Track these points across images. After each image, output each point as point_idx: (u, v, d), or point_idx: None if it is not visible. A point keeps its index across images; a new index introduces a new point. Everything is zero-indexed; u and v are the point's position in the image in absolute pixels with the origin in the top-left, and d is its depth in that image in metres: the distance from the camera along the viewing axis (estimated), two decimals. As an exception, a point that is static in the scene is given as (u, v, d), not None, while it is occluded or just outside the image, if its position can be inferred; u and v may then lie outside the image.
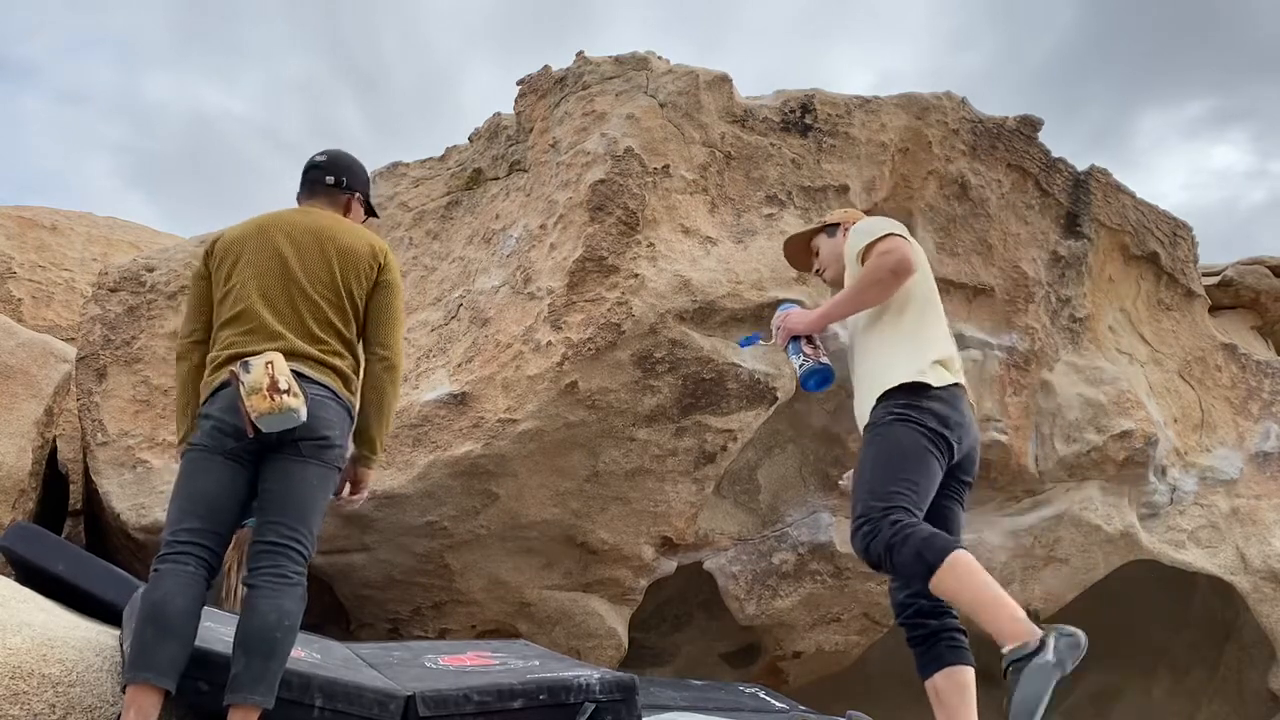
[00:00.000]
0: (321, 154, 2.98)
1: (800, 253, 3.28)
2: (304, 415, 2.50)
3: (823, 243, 3.19)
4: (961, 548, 2.44)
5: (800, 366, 2.99)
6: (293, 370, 2.53)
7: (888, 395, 2.72)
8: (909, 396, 2.68)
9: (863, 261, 2.84)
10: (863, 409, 2.81)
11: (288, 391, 2.48)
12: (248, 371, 2.50)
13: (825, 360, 2.97)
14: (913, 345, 2.79)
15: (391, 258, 2.88)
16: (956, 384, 2.75)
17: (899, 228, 2.91)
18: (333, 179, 2.93)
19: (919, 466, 2.61)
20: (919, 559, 2.42)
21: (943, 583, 2.41)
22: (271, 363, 2.51)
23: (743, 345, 3.41)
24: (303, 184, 2.95)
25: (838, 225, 3.16)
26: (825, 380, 2.96)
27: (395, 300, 2.84)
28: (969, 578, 2.38)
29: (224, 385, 2.57)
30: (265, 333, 2.62)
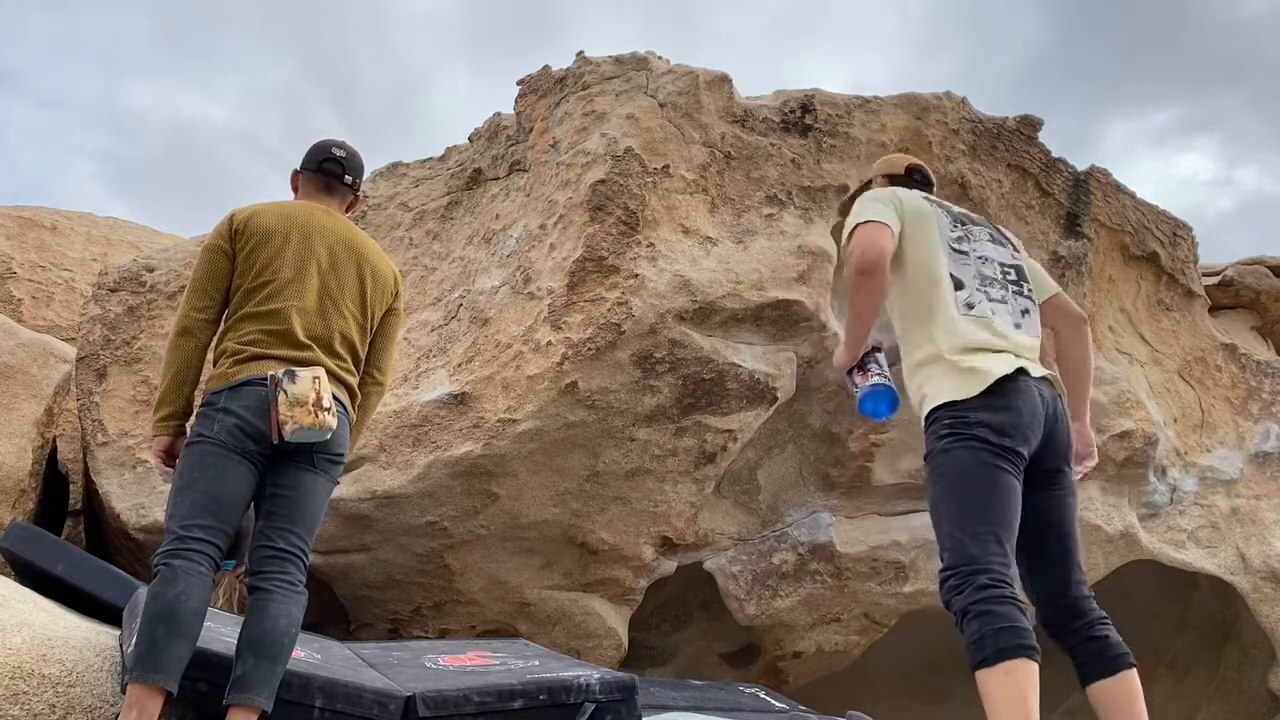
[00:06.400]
0: (340, 148, 2.96)
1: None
2: (332, 432, 2.55)
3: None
4: (1028, 655, 2.25)
5: (856, 396, 2.76)
6: None
7: (932, 416, 2.55)
8: (953, 413, 2.49)
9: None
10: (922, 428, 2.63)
11: (329, 410, 2.52)
12: (293, 382, 2.50)
13: (875, 381, 2.71)
14: (930, 356, 2.59)
15: (403, 284, 2.97)
16: (1003, 377, 2.48)
17: (876, 210, 2.67)
18: (350, 179, 2.95)
19: (994, 494, 2.42)
20: (979, 645, 2.27)
21: (984, 681, 2.27)
22: (319, 378, 2.54)
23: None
24: (319, 172, 2.92)
25: (869, 183, 3.00)
26: (880, 401, 2.70)
27: (400, 327, 2.96)
28: (1011, 696, 2.22)
29: (248, 382, 2.55)
30: (292, 340, 2.62)
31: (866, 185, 3.10)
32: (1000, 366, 2.51)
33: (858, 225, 2.65)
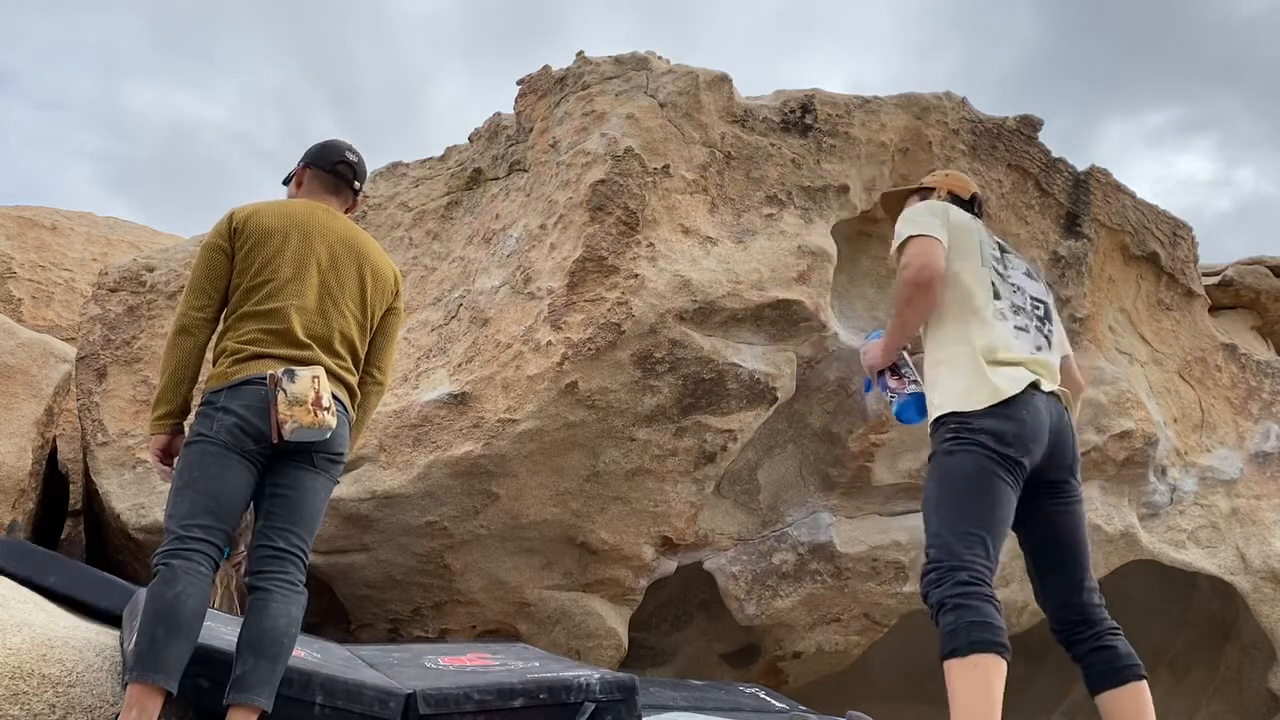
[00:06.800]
0: (353, 153, 2.97)
1: (895, 211, 3.14)
2: (331, 431, 2.55)
3: (912, 206, 3.02)
4: (999, 652, 2.30)
5: (890, 402, 2.88)
6: None
7: (940, 420, 2.62)
8: (960, 419, 2.57)
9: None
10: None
11: (328, 409, 2.52)
12: (293, 381, 2.50)
13: (913, 389, 2.83)
14: (956, 356, 2.65)
15: (403, 284, 2.98)
16: (1014, 395, 2.55)
17: (929, 223, 2.74)
18: (358, 185, 2.97)
19: (986, 497, 2.49)
20: (951, 636, 2.33)
21: (951, 671, 2.32)
22: (318, 377, 2.54)
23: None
24: (331, 173, 2.92)
25: (932, 190, 3.05)
26: (909, 408, 2.82)
27: (400, 327, 2.96)
28: (976, 688, 2.27)
29: (247, 381, 2.55)
30: (292, 339, 2.62)
31: (918, 190, 3.14)
32: (1012, 385, 2.58)
33: (912, 237, 2.71)
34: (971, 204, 3.08)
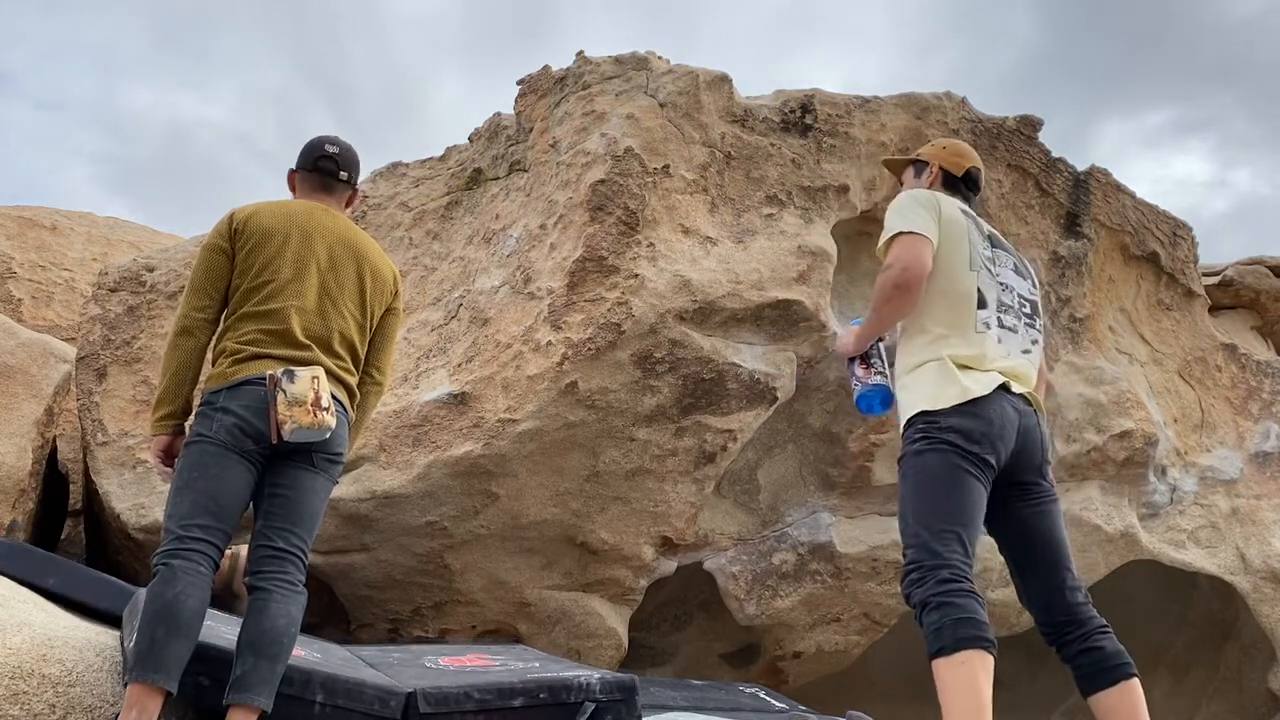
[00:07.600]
0: (333, 144, 2.94)
1: (899, 174, 3.14)
2: (331, 431, 2.55)
3: (907, 179, 3.04)
4: (985, 648, 2.30)
5: (854, 390, 2.89)
6: None
7: (909, 421, 2.63)
8: (927, 420, 2.58)
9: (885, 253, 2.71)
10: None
11: (328, 409, 2.52)
12: (292, 382, 2.51)
13: (877, 380, 2.83)
14: (926, 359, 2.65)
15: (402, 284, 2.98)
16: (981, 396, 2.55)
17: (920, 220, 2.68)
18: (346, 175, 2.94)
19: (958, 494, 2.49)
20: (937, 635, 2.33)
21: (939, 670, 2.31)
22: (318, 378, 2.55)
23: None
24: (315, 171, 2.91)
25: (926, 165, 3.01)
26: (875, 399, 2.83)
27: (399, 327, 2.97)
28: (965, 686, 2.26)
29: (247, 382, 2.55)
30: (291, 340, 2.62)
31: (913, 162, 3.10)
32: (981, 387, 2.58)
33: (900, 234, 2.66)
34: (965, 179, 3.01)
